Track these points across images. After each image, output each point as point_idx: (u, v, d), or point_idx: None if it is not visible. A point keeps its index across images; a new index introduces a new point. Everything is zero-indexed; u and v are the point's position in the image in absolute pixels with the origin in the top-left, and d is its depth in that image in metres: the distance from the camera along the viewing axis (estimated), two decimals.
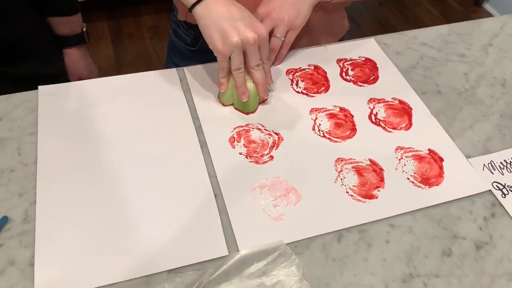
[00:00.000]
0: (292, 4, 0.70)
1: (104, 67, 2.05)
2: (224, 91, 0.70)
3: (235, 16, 0.64)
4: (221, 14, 0.64)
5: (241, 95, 0.69)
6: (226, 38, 0.63)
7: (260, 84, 0.69)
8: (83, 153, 0.64)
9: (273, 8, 0.70)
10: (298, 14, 0.71)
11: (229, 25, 0.63)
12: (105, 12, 2.33)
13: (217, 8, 0.64)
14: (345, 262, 0.56)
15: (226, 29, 0.63)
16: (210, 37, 0.65)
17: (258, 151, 0.66)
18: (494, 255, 0.57)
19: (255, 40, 0.64)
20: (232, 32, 0.63)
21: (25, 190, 0.60)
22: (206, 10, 0.65)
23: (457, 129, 0.72)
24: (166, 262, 0.54)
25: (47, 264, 0.53)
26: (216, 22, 0.64)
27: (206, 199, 0.60)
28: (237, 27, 0.63)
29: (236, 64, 0.66)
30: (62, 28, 0.98)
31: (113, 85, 0.75)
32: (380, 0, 2.57)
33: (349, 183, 0.63)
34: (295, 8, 0.71)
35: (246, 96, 0.69)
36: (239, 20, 0.64)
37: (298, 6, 0.71)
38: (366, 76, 0.80)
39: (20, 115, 0.69)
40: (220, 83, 0.70)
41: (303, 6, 0.71)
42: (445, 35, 0.90)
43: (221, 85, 0.70)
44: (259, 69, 0.68)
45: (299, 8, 0.71)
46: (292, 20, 0.71)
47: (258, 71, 0.68)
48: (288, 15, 0.70)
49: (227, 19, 0.64)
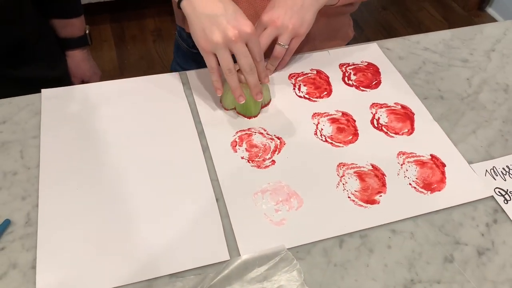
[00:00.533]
0: (296, 11, 0.70)
1: (107, 69, 2.06)
2: (220, 95, 0.70)
3: (217, 12, 0.63)
4: (204, 11, 0.63)
5: (238, 98, 0.68)
6: (207, 35, 0.63)
7: (252, 86, 0.67)
8: (85, 156, 0.65)
9: (277, 15, 0.70)
10: (302, 22, 0.71)
11: (210, 22, 0.63)
12: (109, 15, 2.34)
13: (201, 4, 0.64)
14: (347, 268, 0.56)
15: (208, 26, 0.62)
16: (194, 34, 0.65)
17: (260, 155, 0.66)
18: (496, 262, 0.57)
19: (236, 37, 0.62)
20: (213, 29, 0.62)
21: (27, 193, 0.60)
22: (190, 7, 0.64)
23: (459, 135, 0.72)
24: (167, 266, 0.54)
25: (49, 268, 0.53)
26: (200, 19, 0.63)
27: (208, 203, 0.60)
28: (218, 23, 0.62)
29: (225, 64, 0.65)
30: (65, 30, 0.99)
31: (116, 89, 0.75)
32: (383, 4, 2.58)
33: (351, 188, 0.63)
34: (299, 15, 0.70)
35: (243, 98, 0.68)
36: (221, 16, 0.63)
37: (302, 14, 0.71)
38: (368, 81, 0.80)
39: (23, 118, 0.69)
40: (215, 87, 0.68)
41: (307, 14, 0.71)
42: (447, 40, 0.90)
43: (216, 89, 0.69)
44: (251, 72, 0.66)
45: (303, 15, 0.71)
46: (296, 28, 0.71)
47: (250, 75, 0.66)
48: (293, 23, 0.70)
49: (209, 15, 0.63)
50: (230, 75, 0.66)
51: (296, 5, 0.70)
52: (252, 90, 0.68)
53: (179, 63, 0.99)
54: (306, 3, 0.71)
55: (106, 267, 0.53)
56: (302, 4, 0.71)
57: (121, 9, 2.36)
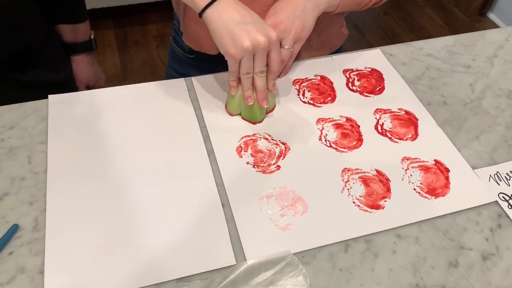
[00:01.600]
0: (298, 16, 0.71)
1: (110, 74, 2.07)
2: (234, 94, 0.71)
3: (246, 20, 0.64)
4: (232, 18, 0.64)
5: (247, 99, 0.69)
6: (237, 41, 0.63)
7: (259, 91, 0.69)
8: (92, 161, 0.65)
9: (280, 20, 0.71)
10: (304, 26, 0.72)
11: (240, 29, 0.63)
12: (112, 20, 2.35)
13: (228, 12, 0.65)
14: (352, 272, 0.56)
15: (238, 33, 0.63)
16: (221, 40, 0.65)
17: (265, 160, 0.67)
18: (501, 266, 0.57)
19: (265, 44, 0.64)
20: (244, 35, 0.63)
21: (35, 198, 0.60)
22: (217, 14, 0.65)
23: (463, 140, 0.72)
24: (174, 271, 0.54)
25: (57, 272, 0.53)
26: (228, 26, 0.64)
27: (213, 208, 0.61)
28: (248, 30, 0.63)
29: (246, 69, 0.66)
30: (71, 35, 1.00)
31: (122, 94, 0.76)
32: (385, 10, 2.59)
33: (355, 193, 0.63)
34: (300, 20, 0.71)
35: (252, 99, 0.69)
36: (251, 23, 0.64)
37: (303, 19, 0.72)
38: (372, 87, 0.80)
39: (31, 124, 0.70)
40: (230, 86, 0.70)
41: (308, 19, 0.72)
42: (450, 46, 0.90)
43: (231, 88, 0.70)
44: (262, 75, 0.68)
45: (305, 20, 0.72)
46: (299, 32, 0.72)
47: (260, 78, 0.68)
48: (295, 27, 0.71)
49: (238, 22, 0.64)
50: (248, 77, 0.67)
51: (297, 10, 0.71)
52: (259, 94, 0.69)
53: (175, 69, 1.00)
54: (307, 9, 0.72)
55: (113, 271, 0.54)
56: (303, 9, 0.72)
57: (124, 15, 2.37)
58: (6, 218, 0.58)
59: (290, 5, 0.72)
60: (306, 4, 0.72)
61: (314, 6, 0.73)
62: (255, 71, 0.67)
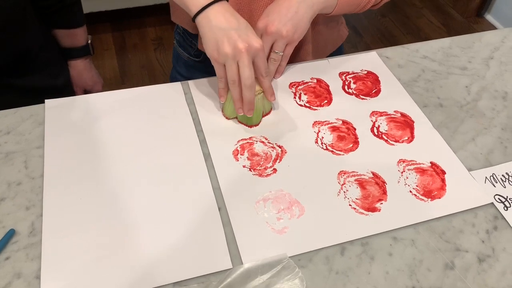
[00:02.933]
0: (290, 19, 0.71)
1: (109, 78, 2.07)
2: (223, 102, 0.72)
3: (232, 26, 0.66)
4: (219, 24, 0.66)
5: (238, 110, 0.70)
6: (219, 46, 0.66)
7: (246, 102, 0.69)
8: (88, 166, 0.65)
9: (272, 22, 0.71)
10: (296, 28, 0.72)
11: (223, 34, 0.66)
12: (110, 24, 2.36)
13: (217, 18, 0.67)
14: (348, 275, 0.56)
15: (220, 38, 0.66)
16: (207, 45, 0.68)
17: (262, 163, 0.67)
18: (497, 268, 0.58)
19: (244, 49, 0.65)
20: (225, 41, 0.65)
21: (31, 203, 0.60)
22: (206, 20, 0.67)
23: (459, 142, 0.72)
24: (170, 275, 0.54)
25: (53, 277, 0.53)
26: (213, 31, 0.66)
27: (210, 212, 0.61)
28: (230, 36, 0.65)
29: (230, 76, 0.67)
30: (68, 40, 1.00)
31: (118, 99, 0.76)
32: (382, 12, 2.59)
33: (352, 196, 0.64)
34: (292, 23, 0.72)
35: (241, 111, 0.70)
36: (234, 29, 0.66)
37: (296, 21, 0.72)
38: (368, 89, 0.80)
39: (27, 129, 0.70)
40: (219, 94, 0.72)
41: (301, 22, 0.72)
42: (446, 48, 0.91)
43: (220, 96, 0.72)
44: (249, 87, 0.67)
45: (298, 22, 0.72)
46: (290, 35, 0.72)
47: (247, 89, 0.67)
48: (286, 29, 0.71)
49: (223, 28, 0.66)
50: (234, 86, 0.68)
51: (290, 12, 0.71)
52: (245, 105, 0.69)
53: (180, 72, 1.00)
54: (300, 11, 0.72)
55: (110, 276, 0.54)
56: (296, 11, 0.72)
57: (122, 18, 2.37)
58: (3, 223, 0.58)
59: (283, 7, 0.72)
60: (299, 6, 0.72)
61: (307, 8, 0.72)
62: (242, 80, 0.67)
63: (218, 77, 0.70)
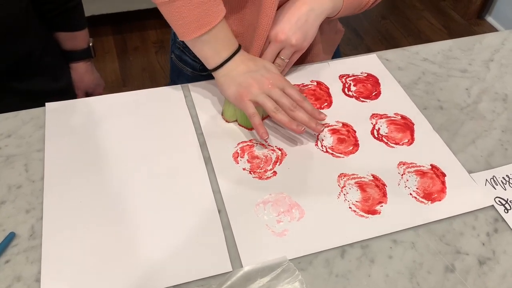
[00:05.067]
0: (300, 27, 0.72)
1: (110, 80, 2.08)
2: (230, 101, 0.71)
3: (251, 69, 0.69)
4: (240, 71, 0.69)
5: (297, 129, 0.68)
6: (245, 87, 0.68)
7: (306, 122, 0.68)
8: (89, 169, 0.65)
9: (281, 30, 0.72)
10: (305, 37, 0.73)
11: (245, 77, 0.68)
12: (111, 27, 2.36)
13: (238, 67, 0.70)
14: (348, 278, 0.56)
15: (243, 80, 0.68)
16: (229, 91, 0.70)
17: (262, 166, 0.67)
18: (497, 271, 0.57)
19: (272, 85, 0.68)
20: (249, 81, 0.68)
21: (32, 206, 0.61)
22: (226, 70, 0.70)
23: (459, 144, 0.72)
24: (170, 278, 0.54)
25: (53, 280, 0.53)
26: (236, 80, 0.69)
27: (210, 215, 0.61)
28: (253, 77, 0.68)
29: (270, 107, 0.67)
30: (70, 43, 1.00)
31: (119, 102, 0.76)
32: (383, 14, 2.59)
33: (352, 198, 0.64)
34: (302, 31, 0.72)
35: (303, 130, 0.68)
36: (255, 71, 0.69)
37: (306, 29, 0.72)
38: (368, 92, 0.80)
39: (28, 132, 0.70)
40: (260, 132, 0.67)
41: (310, 30, 0.73)
42: (446, 50, 0.91)
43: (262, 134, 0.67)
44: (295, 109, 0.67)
45: (307, 31, 0.73)
46: (299, 44, 0.73)
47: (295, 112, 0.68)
48: (296, 38, 0.72)
49: (244, 73, 0.69)
50: (279, 113, 0.67)
51: (300, 20, 0.72)
52: (307, 125, 0.68)
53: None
54: (310, 19, 0.73)
55: (110, 279, 0.54)
56: (306, 20, 0.72)
57: (123, 21, 2.38)
58: (3, 226, 0.58)
59: (293, 16, 0.72)
60: (309, 14, 0.72)
61: (316, 16, 0.73)
62: (286, 108, 0.67)
63: (250, 115, 0.67)
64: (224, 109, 0.73)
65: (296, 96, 0.69)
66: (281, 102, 0.67)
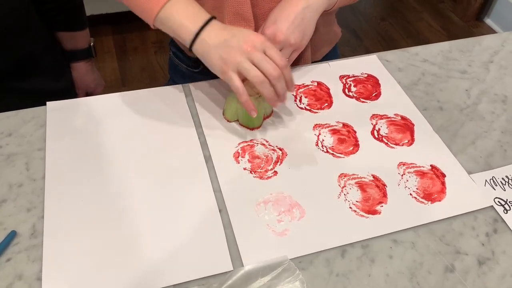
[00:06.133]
0: (297, 26, 0.72)
1: (109, 80, 2.08)
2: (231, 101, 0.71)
3: (226, 37, 0.66)
4: (215, 42, 0.66)
5: (275, 104, 0.67)
6: (225, 58, 0.65)
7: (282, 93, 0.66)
8: (90, 168, 0.65)
9: (279, 30, 0.71)
10: (303, 35, 0.73)
11: (223, 47, 0.65)
12: (110, 27, 2.36)
13: (211, 38, 0.66)
14: (349, 278, 0.56)
15: (222, 52, 0.65)
16: (213, 66, 0.67)
17: (262, 166, 0.67)
18: (497, 271, 0.58)
19: (251, 47, 0.64)
20: (227, 50, 0.65)
21: (33, 205, 0.61)
22: (202, 44, 0.67)
23: (459, 145, 0.73)
24: (171, 277, 0.55)
25: (54, 279, 0.54)
26: (214, 51, 0.66)
27: (210, 214, 0.61)
28: (231, 45, 0.65)
29: (254, 77, 0.64)
30: (71, 43, 1.00)
31: (119, 101, 0.76)
32: (382, 16, 2.60)
33: (352, 198, 0.64)
34: (300, 29, 0.72)
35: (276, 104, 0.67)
36: (231, 38, 0.65)
37: (303, 27, 0.72)
38: (368, 93, 0.81)
39: (29, 131, 0.70)
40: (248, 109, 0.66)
41: (307, 27, 0.73)
42: (446, 51, 0.91)
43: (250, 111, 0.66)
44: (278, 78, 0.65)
45: (304, 29, 0.72)
46: (298, 42, 0.72)
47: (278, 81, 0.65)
48: (294, 37, 0.72)
49: (220, 44, 0.66)
50: (264, 85, 0.64)
51: (297, 18, 0.72)
52: (281, 98, 0.67)
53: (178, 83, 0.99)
54: (306, 17, 0.72)
55: (111, 278, 0.54)
56: (302, 17, 0.72)
57: (122, 21, 2.38)
58: (4, 225, 0.58)
59: (291, 14, 0.72)
60: (305, 12, 0.72)
61: (312, 13, 0.73)
62: (270, 75, 0.64)
63: (236, 89, 0.65)
64: (225, 108, 0.73)
65: (278, 60, 0.65)
66: (264, 67, 0.64)
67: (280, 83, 0.65)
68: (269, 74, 0.64)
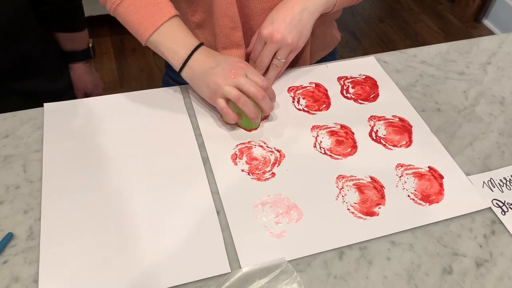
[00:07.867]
0: (294, 26, 0.72)
1: (107, 81, 2.07)
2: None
3: (211, 65, 0.70)
4: (201, 70, 0.71)
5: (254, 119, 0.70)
6: (211, 87, 0.69)
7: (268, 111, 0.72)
8: (87, 170, 0.65)
9: (277, 30, 0.72)
10: (300, 36, 0.73)
11: (208, 76, 0.69)
12: (109, 28, 2.36)
13: (197, 65, 0.71)
14: (347, 280, 0.56)
15: (208, 81, 0.69)
16: (201, 93, 0.73)
17: (260, 168, 0.67)
18: (495, 273, 0.58)
19: (234, 75, 0.68)
20: (213, 79, 0.69)
21: (30, 207, 0.60)
22: (190, 71, 0.72)
23: (456, 147, 0.73)
24: (168, 279, 0.54)
25: (51, 281, 0.53)
26: (200, 79, 0.71)
27: (208, 216, 0.61)
28: (215, 74, 0.69)
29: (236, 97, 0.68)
30: (69, 44, 1.00)
31: (117, 103, 0.76)
32: (380, 17, 2.60)
33: (350, 200, 0.64)
34: (297, 30, 0.72)
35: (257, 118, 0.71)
36: (215, 67, 0.69)
37: (300, 28, 0.72)
38: (366, 94, 0.81)
39: (26, 132, 0.70)
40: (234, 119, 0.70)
41: (304, 29, 0.73)
42: (444, 53, 0.91)
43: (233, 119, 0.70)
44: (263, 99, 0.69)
45: (302, 30, 0.73)
46: (295, 43, 0.73)
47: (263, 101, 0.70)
48: (291, 38, 0.72)
49: (206, 72, 0.70)
50: (246, 103, 0.68)
51: (294, 19, 0.72)
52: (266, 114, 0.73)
53: (172, 77, 1.00)
54: (304, 17, 0.73)
55: (108, 280, 0.54)
56: (300, 19, 0.72)
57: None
58: (1, 227, 0.58)
59: (287, 15, 0.72)
60: (303, 13, 0.72)
61: (310, 14, 0.73)
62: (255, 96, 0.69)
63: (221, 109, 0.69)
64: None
65: (260, 82, 0.70)
66: (249, 90, 0.68)
67: (265, 102, 0.70)
68: (254, 95, 0.69)
